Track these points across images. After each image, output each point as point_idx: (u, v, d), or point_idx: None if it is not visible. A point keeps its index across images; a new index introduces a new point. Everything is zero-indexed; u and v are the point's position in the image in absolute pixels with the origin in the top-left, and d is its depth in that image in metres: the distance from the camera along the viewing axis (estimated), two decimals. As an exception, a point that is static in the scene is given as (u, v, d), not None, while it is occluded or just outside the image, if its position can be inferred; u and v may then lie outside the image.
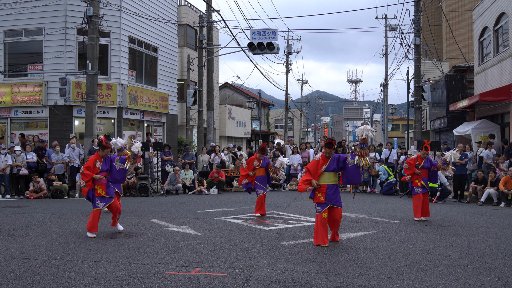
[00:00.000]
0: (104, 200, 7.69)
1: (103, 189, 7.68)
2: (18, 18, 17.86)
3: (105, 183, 7.75)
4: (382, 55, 36.50)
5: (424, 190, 9.59)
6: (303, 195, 14.53)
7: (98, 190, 7.66)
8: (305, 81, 59.36)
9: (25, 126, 18.35)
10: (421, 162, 9.72)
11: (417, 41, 19.30)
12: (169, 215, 9.87)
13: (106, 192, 7.72)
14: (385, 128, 37.18)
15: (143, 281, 4.97)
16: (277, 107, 59.83)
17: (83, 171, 7.71)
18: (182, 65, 25.41)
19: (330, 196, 6.93)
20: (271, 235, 7.53)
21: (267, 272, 5.35)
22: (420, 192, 9.53)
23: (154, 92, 20.75)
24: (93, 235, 7.50)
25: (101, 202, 7.67)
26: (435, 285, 4.92)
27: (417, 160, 9.81)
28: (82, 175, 7.76)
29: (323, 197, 6.92)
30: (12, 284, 4.89)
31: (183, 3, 27.22)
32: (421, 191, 9.54)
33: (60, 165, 14.88)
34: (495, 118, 18.63)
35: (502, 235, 7.90)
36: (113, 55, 18.27)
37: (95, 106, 15.70)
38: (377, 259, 5.99)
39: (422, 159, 9.73)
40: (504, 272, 5.50)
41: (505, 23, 17.03)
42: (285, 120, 41.02)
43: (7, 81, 18.06)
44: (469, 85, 22.59)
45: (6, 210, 11.03)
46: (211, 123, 22.00)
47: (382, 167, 15.89)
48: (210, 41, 21.91)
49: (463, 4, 34.54)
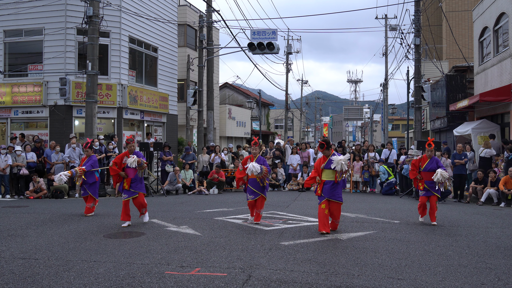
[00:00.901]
0: (127, 193, 8.69)
1: (127, 184, 8.72)
2: (18, 18, 17.88)
3: (131, 179, 8.71)
4: (382, 55, 36.54)
5: (428, 193, 8.92)
6: (303, 195, 14.53)
7: (124, 184, 8.79)
8: (305, 81, 59.35)
9: (25, 126, 18.36)
10: (424, 163, 9.05)
11: (417, 41, 19.30)
12: (169, 215, 9.87)
13: (130, 186, 8.69)
14: (385, 128, 37.18)
15: (143, 281, 4.97)
16: (277, 107, 59.87)
17: (111, 165, 8.89)
18: (182, 65, 25.42)
19: (326, 190, 7.76)
20: (271, 235, 7.53)
21: (267, 272, 5.34)
22: (424, 195, 8.96)
23: (154, 92, 20.75)
24: (125, 224, 8.48)
25: (125, 195, 8.73)
26: (435, 285, 4.92)
27: (420, 161, 9.19)
28: (110, 169, 9.03)
29: (320, 191, 7.84)
30: (12, 284, 4.89)
31: (183, 3, 27.22)
32: (425, 194, 8.95)
33: (60, 165, 14.87)
34: (495, 118, 18.63)
35: (502, 235, 7.89)
36: (113, 55, 18.28)
37: (95, 106, 15.70)
38: (377, 259, 5.99)
39: (427, 159, 9.03)
40: (504, 272, 5.49)
41: (505, 23, 17.03)
42: (285, 120, 41.03)
43: (7, 81, 18.07)
44: (469, 85, 22.59)
45: (6, 210, 11.03)
46: (211, 123, 22.00)
47: (382, 167, 15.90)
48: (210, 41, 21.91)
49: (463, 4, 34.55)
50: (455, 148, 16.16)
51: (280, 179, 17.04)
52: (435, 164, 8.90)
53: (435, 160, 9.00)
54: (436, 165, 8.88)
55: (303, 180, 16.38)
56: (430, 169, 8.91)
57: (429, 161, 9.00)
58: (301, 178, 16.60)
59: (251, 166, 8.41)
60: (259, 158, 8.77)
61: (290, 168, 17.09)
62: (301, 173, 16.81)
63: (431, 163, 8.96)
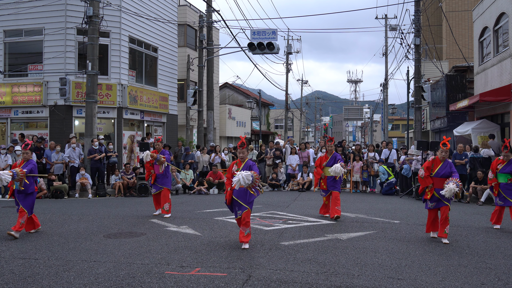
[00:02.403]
0: (155, 187, 9.95)
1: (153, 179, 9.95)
2: (18, 18, 17.87)
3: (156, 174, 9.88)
4: (382, 55, 36.52)
5: (439, 204, 7.42)
6: (303, 195, 14.52)
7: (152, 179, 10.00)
8: (305, 81, 59.32)
9: (25, 126, 18.35)
10: (436, 167, 7.52)
11: (417, 41, 19.29)
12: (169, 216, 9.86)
13: (156, 181, 9.88)
14: (385, 128, 37.17)
15: (143, 281, 4.97)
16: (277, 107, 59.85)
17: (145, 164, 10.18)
18: (182, 65, 25.42)
19: (329, 185, 9.63)
20: (271, 235, 7.53)
21: (267, 272, 5.34)
22: (433, 208, 7.52)
23: (154, 92, 20.75)
24: (156, 213, 9.94)
25: (153, 189, 10.00)
26: (435, 285, 4.92)
27: (432, 162, 7.62)
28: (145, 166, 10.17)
29: (326, 186, 9.68)
30: (12, 284, 4.89)
31: (183, 3, 27.22)
32: (434, 206, 7.48)
33: (59, 165, 14.87)
34: (495, 118, 18.63)
35: (502, 235, 7.90)
36: (113, 55, 18.28)
37: (95, 106, 15.70)
38: (377, 259, 5.99)
39: (439, 161, 7.54)
40: (504, 272, 5.50)
41: (505, 23, 17.03)
42: (285, 120, 41.01)
43: (7, 81, 18.06)
44: (469, 85, 22.59)
45: (6, 210, 11.03)
46: (211, 123, 22.00)
47: (382, 167, 15.89)
48: (210, 41, 21.91)
49: (463, 4, 34.54)
50: (455, 148, 16.16)
51: (281, 179, 17.03)
52: (448, 169, 7.45)
53: (449, 165, 7.50)
54: (449, 170, 7.43)
55: (303, 180, 16.38)
56: (443, 175, 7.44)
57: (442, 165, 7.51)
58: (300, 178, 16.59)
59: (240, 178, 6.43)
60: (247, 164, 6.93)
61: (289, 168, 17.08)
62: (300, 173, 16.80)
63: (444, 168, 7.49)
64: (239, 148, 7.01)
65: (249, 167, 6.82)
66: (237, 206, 6.80)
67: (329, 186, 9.59)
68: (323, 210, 9.96)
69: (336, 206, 9.30)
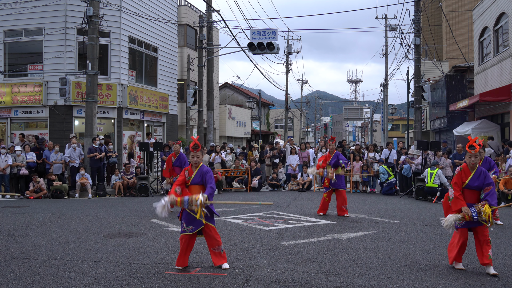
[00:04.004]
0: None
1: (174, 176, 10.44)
2: (18, 18, 17.87)
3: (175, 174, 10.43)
4: (382, 55, 36.51)
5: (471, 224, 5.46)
6: (303, 195, 14.52)
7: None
8: (305, 81, 59.35)
9: (25, 126, 18.35)
10: (466, 178, 5.51)
11: (417, 41, 19.30)
12: (169, 215, 9.82)
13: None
14: (385, 128, 37.17)
15: (143, 281, 4.97)
16: (277, 107, 59.88)
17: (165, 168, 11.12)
18: (182, 65, 25.43)
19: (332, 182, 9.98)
20: (271, 235, 7.53)
21: (267, 272, 5.34)
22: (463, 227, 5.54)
23: (154, 92, 20.75)
24: None
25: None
26: (435, 285, 4.93)
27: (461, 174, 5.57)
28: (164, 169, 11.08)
29: (328, 183, 10.00)
30: (12, 284, 4.89)
31: (183, 3, 27.23)
32: (464, 226, 5.52)
33: (59, 165, 14.86)
34: (495, 118, 18.64)
35: (502, 235, 7.90)
36: (113, 55, 18.28)
37: (95, 106, 15.70)
38: (377, 259, 5.99)
39: (469, 171, 5.53)
40: (504, 272, 5.50)
41: (505, 23, 17.04)
42: (285, 120, 41.02)
43: (7, 81, 18.06)
44: (469, 85, 22.61)
45: (6, 210, 11.03)
46: (211, 123, 22.00)
47: (382, 167, 15.88)
48: (210, 41, 21.91)
49: (463, 4, 34.54)
50: (455, 148, 16.16)
51: (281, 179, 17.03)
52: (482, 178, 5.49)
53: (482, 173, 5.52)
54: (483, 181, 5.48)
55: (303, 180, 16.38)
56: (477, 186, 5.51)
57: (474, 174, 5.53)
58: (300, 178, 16.59)
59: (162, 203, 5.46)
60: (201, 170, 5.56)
61: (289, 169, 17.08)
62: (300, 173, 16.80)
63: (477, 178, 5.52)
64: (192, 150, 5.57)
65: (201, 175, 5.51)
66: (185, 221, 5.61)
67: (332, 184, 9.95)
68: (321, 209, 10.01)
69: (343, 205, 9.88)
